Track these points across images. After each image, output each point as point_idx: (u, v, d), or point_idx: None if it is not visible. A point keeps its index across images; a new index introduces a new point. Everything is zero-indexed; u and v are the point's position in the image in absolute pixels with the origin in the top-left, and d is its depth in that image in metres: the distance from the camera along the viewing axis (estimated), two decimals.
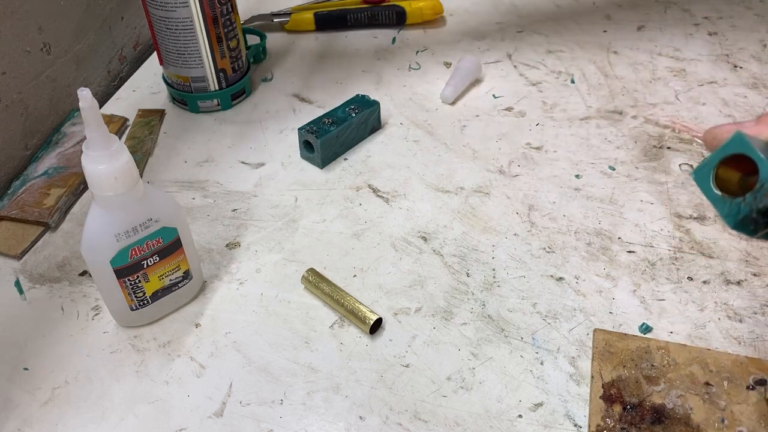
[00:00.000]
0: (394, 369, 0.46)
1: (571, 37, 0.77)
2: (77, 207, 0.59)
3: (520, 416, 0.42)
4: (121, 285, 0.45)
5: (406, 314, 0.49)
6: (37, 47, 0.63)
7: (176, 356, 0.47)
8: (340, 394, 0.44)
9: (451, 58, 0.74)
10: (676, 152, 0.61)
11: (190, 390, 0.45)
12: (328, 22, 0.80)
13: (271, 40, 0.79)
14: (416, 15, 0.79)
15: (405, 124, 0.66)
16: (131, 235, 0.43)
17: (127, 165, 0.41)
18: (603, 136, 0.64)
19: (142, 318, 0.48)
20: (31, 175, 0.61)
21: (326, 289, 0.49)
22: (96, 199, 0.42)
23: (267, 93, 0.71)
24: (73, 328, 0.49)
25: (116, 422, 0.43)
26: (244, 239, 0.55)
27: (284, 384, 0.45)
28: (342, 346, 0.47)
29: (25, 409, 0.44)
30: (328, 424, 0.43)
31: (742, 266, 0.51)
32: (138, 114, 0.68)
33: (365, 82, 0.72)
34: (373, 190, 0.59)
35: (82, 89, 0.37)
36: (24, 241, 0.55)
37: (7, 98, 0.60)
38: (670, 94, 0.68)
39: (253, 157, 0.63)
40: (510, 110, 0.67)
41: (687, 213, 0.55)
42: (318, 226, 0.56)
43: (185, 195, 0.59)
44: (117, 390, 0.45)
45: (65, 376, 0.46)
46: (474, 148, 0.63)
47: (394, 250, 0.54)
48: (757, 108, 0.66)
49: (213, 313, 0.50)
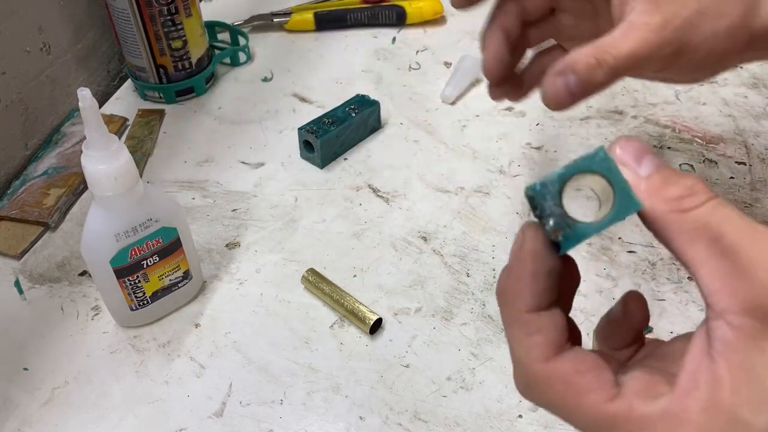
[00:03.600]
0: (394, 369, 0.46)
1: None
2: (77, 207, 0.59)
3: (520, 416, 0.42)
4: (120, 285, 0.45)
5: (406, 314, 0.49)
6: (37, 47, 0.63)
7: (176, 356, 0.47)
8: (340, 394, 0.44)
9: (451, 58, 0.74)
10: (677, 152, 0.61)
11: (189, 390, 0.45)
12: (328, 21, 0.79)
13: (270, 40, 0.79)
14: (416, 15, 0.79)
15: (405, 124, 0.66)
16: (131, 235, 0.43)
17: (126, 165, 0.41)
18: (603, 136, 0.64)
19: (141, 318, 0.48)
20: (31, 175, 0.61)
21: (326, 289, 0.49)
22: (96, 199, 0.42)
23: (267, 93, 0.71)
24: (72, 328, 0.49)
25: (116, 422, 0.43)
26: (244, 239, 0.55)
27: (284, 384, 0.45)
28: (342, 346, 0.47)
29: (25, 409, 0.44)
30: (328, 425, 0.43)
31: None
32: (138, 114, 0.68)
33: (365, 82, 0.72)
34: (373, 190, 0.59)
35: (81, 89, 0.37)
36: (24, 241, 0.55)
37: (7, 98, 0.60)
38: (670, 94, 0.68)
39: (252, 157, 0.63)
40: (510, 110, 0.67)
41: None
42: (318, 226, 0.56)
43: (185, 195, 0.59)
44: (117, 390, 0.45)
45: (65, 376, 0.46)
46: (474, 148, 0.63)
47: (394, 250, 0.54)
48: (757, 108, 0.65)
49: (213, 313, 0.50)
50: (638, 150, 0.25)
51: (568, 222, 0.25)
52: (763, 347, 0.22)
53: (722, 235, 0.23)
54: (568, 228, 0.25)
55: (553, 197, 0.25)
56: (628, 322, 0.29)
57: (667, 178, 0.24)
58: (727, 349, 0.22)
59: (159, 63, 0.67)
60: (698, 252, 0.23)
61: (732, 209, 0.23)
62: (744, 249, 0.22)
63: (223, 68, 0.74)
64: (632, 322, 0.29)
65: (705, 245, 0.23)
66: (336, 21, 0.80)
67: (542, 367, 0.25)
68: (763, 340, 0.22)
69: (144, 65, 0.67)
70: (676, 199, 0.24)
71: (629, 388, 0.24)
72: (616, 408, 0.24)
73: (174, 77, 0.68)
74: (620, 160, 0.25)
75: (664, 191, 0.24)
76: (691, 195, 0.23)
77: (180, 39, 0.66)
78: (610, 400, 0.24)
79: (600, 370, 0.25)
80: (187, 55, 0.68)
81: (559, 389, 0.25)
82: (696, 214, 0.23)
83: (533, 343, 0.25)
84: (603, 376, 0.25)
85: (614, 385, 0.24)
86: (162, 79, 0.68)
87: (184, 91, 0.70)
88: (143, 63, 0.67)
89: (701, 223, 0.23)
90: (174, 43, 0.66)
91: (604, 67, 0.35)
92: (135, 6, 0.63)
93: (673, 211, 0.24)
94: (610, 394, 0.24)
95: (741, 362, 0.22)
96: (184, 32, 0.66)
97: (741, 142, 0.62)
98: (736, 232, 0.22)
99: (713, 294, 0.23)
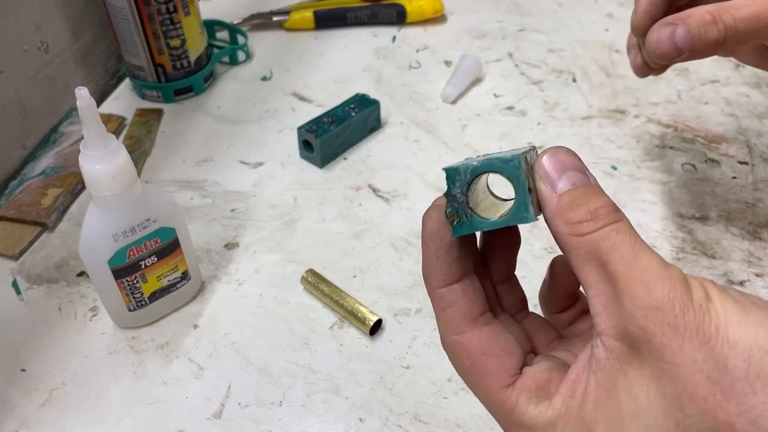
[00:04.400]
0: (394, 370, 0.45)
1: (572, 35, 0.77)
2: (75, 207, 0.58)
3: None
4: (119, 285, 0.45)
5: (406, 315, 0.49)
6: (35, 46, 0.63)
7: (174, 357, 0.47)
8: (340, 395, 0.44)
9: (451, 57, 0.74)
10: (679, 152, 0.61)
11: (188, 391, 0.45)
12: (327, 20, 0.79)
13: (270, 39, 0.78)
14: (417, 13, 0.79)
15: (405, 123, 0.66)
16: (129, 236, 0.43)
17: (125, 165, 0.40)
18: (605, 136, 0.63)
19: (140, 319, 0.48)
20: (29, 174, 0.60)
21: (326, 289, 0.49)
22: (94, 199, 0.42)
23: (266, 92, 0.71)
24: (70, 329, 0.49)
25: (114, 423, 0.43)
26: (243, 239, 0.55)
27: (283, 385, 0.45)
28: (342, 347, 0.47)
29: (23, 410, 0.44)
30: (327, 426, 0.42)
31: (744, 267, 0.50)
32: (136, 113, 0.68)
33: (365, 81, 0.71)
34: (373, 190, 0.59)
35: (79, 88, 0.37)
36: (21, 241, 0.55)
37: (5, 97, 0.60)
38: (672, 94, 0.68)
39: (252, 157, 0.63)
40: (511, 109, 0.67)
41: (689, 213, 0.55)
42: (317, 226, 0.56)
43: (183, 195, 0.59)
44: (115, 391, 0.45)
45: (63, 377, 0.46)
46: (475, 148, 0.63)
47: (394, 250, 0.53)
48: (760, 107, 0.65)
49: (212, 313, 0.49)
50: (562, 164, 0.26)
51: (466, 212, 0.26)
52: (626, 371, 0.23)
53: (607, 262, 0.24)
54: (464, 217, 0.26)
55: (462, 185, 0.26)
56: (557, 287, 0.31)
57: (575, 200, 0.25)
58: (598, 367, 0.24)
59: (157, 62, 0.67)
60: (589, 274, 0.25)
61: (625, 236, 0.24)
62: (620, 278, 0.23)
63: (221, 67, 0.74)
64: (561, 286, 0.30)
65: (595, 269, 0.24)
66: (336, 19, 0.79)
67: (454, 340, 0.27)
68: (627, 364, 0.23)
69: (142, 64, 0.67)
70: (575, 223, 0.25)
71: (522, 383, 0.26)
72: (505, 397, 0.26)
73: (172, 76, 0.68)
74: (542, 172, 0.26)
75: (568, 213, 0.25)
76: (590, 219, 0.25)
77: (178, 38, 0.66)
78: (503, 388, 0.26)
79: (506, 356, 0.27)
80: (186, 54, 0.67)
81: (466, 364, 0.27)
82: (589, 239, 0.24)
83: (447, 317, 0.28)
84: (506, 362, 0.27)
85: (513, 374, 0.27)
86: (160, 78, 0.68)
87: (183, 90, 0.69)
88: (141, 62, 0.67)
89: (592, 248, 0.24)
90: (172, 41, 0.66)
91: (719, 25, 0.35)
92: (133, 4, 0.62)
93: (571, 234, 0.25)
94: (506, 383, 0.26)
95: (605, 382, 0.24)
96: (182, 31, 0.66)
97: (743, 142, 0.61)
98: (617, 261, 0.24)
99: (596, 315, 0.24)
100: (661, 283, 0.23)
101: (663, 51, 0.36)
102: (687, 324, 0.22)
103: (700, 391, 0.21)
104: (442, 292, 0.28)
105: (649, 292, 0.23)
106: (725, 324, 0.22)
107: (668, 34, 0.36)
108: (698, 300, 0.22)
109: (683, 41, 0.36)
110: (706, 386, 0.21)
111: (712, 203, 0.56)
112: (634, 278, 0.23)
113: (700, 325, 0.22)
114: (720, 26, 0.35)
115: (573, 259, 0.25)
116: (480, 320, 0.27)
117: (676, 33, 0.36)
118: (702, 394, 0.21)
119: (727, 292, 0.23)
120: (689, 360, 0.21)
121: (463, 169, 0.26)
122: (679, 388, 0.22)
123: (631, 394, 0.23)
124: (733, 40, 0.36)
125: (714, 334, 0.21)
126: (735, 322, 0.22)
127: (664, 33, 0.36)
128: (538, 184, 0.26)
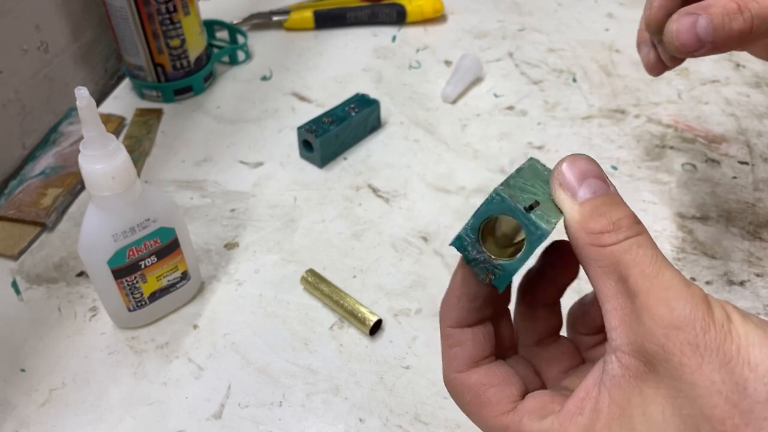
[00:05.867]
0: (394, 370, 0.45)
1: (572, 35, 0.77)
2: (74, 207, 0.58)
3: None
4: (118, 286, 0.45)
5: (406, 315, 0.49)
6: (35, 46, 0.63)
7: (174, 357, 0.46)
8: (340, 395, 0.44)
9: (451, 57, 0.74)
10: (679, 152, 0.61)
11: (188, 392, 0.45)
12: (327, 20, 0.79)
13: (269, 39, 0.78)
14: (417, 13, 0.79)
15: (405, 123, 0.66)
16: (129, 236, 0.43)
17: (124, 164, 0.40)
18: (605, 136, 0.63)
19: (139, 319, 0.48)
20: (28, 174, 0.60)
21: (326, 289, 0.49)
22: (93, 199, 0.42)
23: (266, 92, 0.71)
24: (70, 329, 0.48)
25: (114, 424, 0.43)
26: (243, 239, 0.55)
27: (283, 385, 0.45)
28: (342, 348, 0.47)
29: (23, 410, 0.44)
30: (327, 426, 0.42)
31: (745, 267, 0.50)
32: (136, 113, 0.68)
33: (365, 81, 0.71)
34: (373, 190, 0.59)
35: (79, 88, 0.37)
36: (21, 241, 0.54)
37: (4, 97, 0.60)
38: (672, 93, 0.68)
39: (251, 157, 0.63)
40: (511, 109, 0.67)
41: (690, 213, 0.55)
42: (317, 227, 0.55)
43: (183, 195, 0.59)
44: (115, 391, 0.45)
45: (63, 377, 0.46)
46: (475, 148, 0.62)
47: (394, 250, 0.53)
48: (760, 107, 0.65)
49: (211, 314, 0.49)
50: (582, 171, 0.26)
51: (494, 264, 0.27)
52: (641, 389, 0.23)
53: (627, 276, 0.23)
54: (497, 269, 0.27)
55: (474, 246, 0.27)
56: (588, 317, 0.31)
57: (596, 208, 0.25)
58: (612, 383, 0.24)
59: (157, 62, 0.67)
60: (608, 287, 0.24)
61: (646, 251, 0.24)
62: (641, 294, 0.23)
63: (221, 67, 0.74)
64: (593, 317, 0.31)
65: (614, 282, 0.24)
66: (335, 19, 0.79)
67: (455, 377, 0.28)
68: (642, 382, 0.23)
69: (142, 64, 0.67)
70: (596, 233, 0.24)
71: (524, 405, 0.27)
72: (508, 421, 0.26)
73: (172, 76, 0.68)
74: (562, 179, 0.26)
75: (589, 223, 0.25)
76: (612, 231, 0.24)
77: (178, 37, 0.66)
78: (505, 413, 0.27)
79: (505, 386, 0.27)
80: (186, 53, 0.67)
81: (467, 398, 0.28)
82: (610, 251, 0.24)
83: (452, 355, 0.28)
84: (506, 391, 0.27)
85: (513, 400, 0.27)
86: (160, 77, 0.68)
87: (183, 90, 0.69)
88: (141, 62, 0.67)
89: (613, 260, 0.24)
90: (172, 41, 0.66)
91: (746, 14, 0.33)
92: (133, 4, 0.62)
93: (592, 244, 0.24)
94: (507, 409, 0.27)
95: (620, 399, 0.23)
96: (182, 31, 0.66)
97: (743, 142, 0.61)
98: (639, 277, 0.23)
99: (612, 330, 0.24)
100: (683, 302, 0.22)
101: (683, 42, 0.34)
102: (708, 344, 0.21)
103: (717, 413, 0.21)
104: (453, 331, 0.28)
105: (671, 311, 0.22)
106: (746, 346, 0.21)
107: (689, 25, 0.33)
108: (720, 320, 0.22)
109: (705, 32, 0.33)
110: (724, 408, 0.21)
111: (712, 203, 0.56)
112: (655, 296, 0.23)
113: (721, 346, 0.21)
114: (746, 15, 0.32)
115: (591, 269, 0.25)
116: (482, 362, 0.28)
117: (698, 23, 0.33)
118: (719, 416, 0.21)
119: (749, 316, 0.22)
120: (708, 381, 0.21)
121: (464, 234, 0.27)
122: (696, 409, 0.21)
123: (646, 412, 0.23)
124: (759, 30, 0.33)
125: (735, 356, 0.21)
126: (757, 344, 0.21)
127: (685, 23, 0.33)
128: (558, 191, 0.26)
